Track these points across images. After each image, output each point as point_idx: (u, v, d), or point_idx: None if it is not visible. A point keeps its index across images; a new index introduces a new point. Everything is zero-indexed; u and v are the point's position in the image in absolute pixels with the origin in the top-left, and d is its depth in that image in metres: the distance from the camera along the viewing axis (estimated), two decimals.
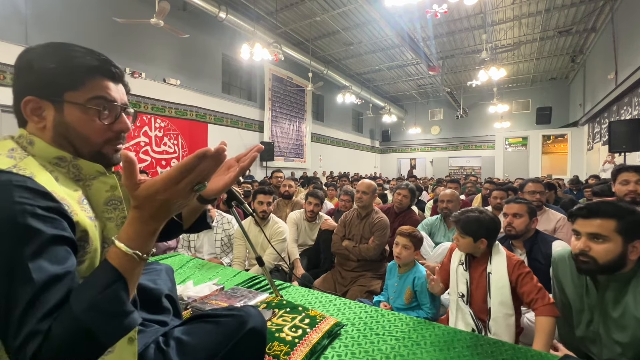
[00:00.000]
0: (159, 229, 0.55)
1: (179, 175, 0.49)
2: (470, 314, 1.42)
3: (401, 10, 7.16)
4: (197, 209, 0.92)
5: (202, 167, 0.49)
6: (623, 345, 1.04)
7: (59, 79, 0.61)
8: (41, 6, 5.29)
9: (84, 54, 0.64)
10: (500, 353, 1.09)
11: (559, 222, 2.28)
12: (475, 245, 1.42)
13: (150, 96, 6.90)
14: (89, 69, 0.63)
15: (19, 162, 0.56)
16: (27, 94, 0.61)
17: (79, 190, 0.63)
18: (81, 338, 0.45)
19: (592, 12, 7.93)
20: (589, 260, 1.06)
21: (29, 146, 0.61)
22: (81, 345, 0.45)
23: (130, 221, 0.52)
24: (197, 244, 2.56)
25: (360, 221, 2.43)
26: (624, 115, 6.97)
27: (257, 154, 0.73)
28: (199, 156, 0.48)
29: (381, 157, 18.42)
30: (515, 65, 11.70)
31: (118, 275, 0.49)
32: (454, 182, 4.90)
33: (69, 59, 0.62)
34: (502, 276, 1.36)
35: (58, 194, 0.55)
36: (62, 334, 0.45)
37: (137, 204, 0.51)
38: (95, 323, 0.46)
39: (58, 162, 0.63)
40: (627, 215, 1.03)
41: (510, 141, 13.77)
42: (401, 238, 1.80)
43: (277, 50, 7.44)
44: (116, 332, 0.48)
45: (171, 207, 0.52)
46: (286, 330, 1.12)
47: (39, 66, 0.61)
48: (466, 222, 1.42)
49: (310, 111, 12.22)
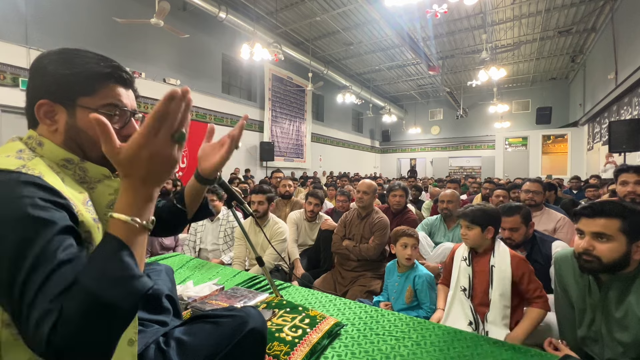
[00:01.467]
0: (154, 195, 0.54)
1: (155, 123, 0.48)
2: (470, 307, 1.46)
3: (401, 10, 7.16)
4: (198, 193, 0.94)
5: (173, 109, 0.49)
6: (625, 345, 1.04)
7: (74, 84, 0.63)
8: (41, 6, 5.29)
9: (98, 60, 0.66)
10: (500, 353, 1.09)
11: (559, 222, 2.28)
12: (483, 235, 1.51)
13: (150, 96, 6.90)
14: (103, 76, 0.65)
15: (28, 162, 0.57)
16: (41, 97, 0.63)
17: (84, 192, 0.64)
18: (94, 308, 0.44)
19: (592, 12, 7.93)
20: (593, 259, 1.06)
21: (38, 147, 0.63)
22: (96, 316, 0.44)
23: (123, 192, 0.51)
24: (203, 235, 2.70)
25: (361, 221, 2.43)
26: (624, 115, 6.97)
27: (245, 122, 0.82)
28: (167, 98, 0.48)
29: (381, 157, 18.42)
30: (515, 65, 11.70)
31: (121, 243, 0.49)
32: (454, 182, 4.90)
33: (83, 65, 0.64)
34: (505, 270, 1.43)
35: (65, 194, 0.56)
36: (75, 308, 0.43)
37: (125, 171, 0.50)
38: (104, 289, 0.45)
39: (65, 164, 0.64)
40: (631, 215, 1.03)
41: (510, 141, 13.77)
42: (408, 239, 1.82)
43: (277, 50, 7.44)
44: (129, 296, 0.47)
45: (158, 165, 0.51)
46: (286, 330, 1.12)
47: (55, 71, 0.63)
48: (473, 213, 1.52)
49: (310, 111, 12.22)
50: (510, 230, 1.73)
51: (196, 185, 0.92)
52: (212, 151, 0.89)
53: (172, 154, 0.52)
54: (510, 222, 1.73)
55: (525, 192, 2.44)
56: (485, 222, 1.50)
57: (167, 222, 0.95)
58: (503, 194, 2.95)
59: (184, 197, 0.95)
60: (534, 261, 1.72)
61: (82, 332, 0.43)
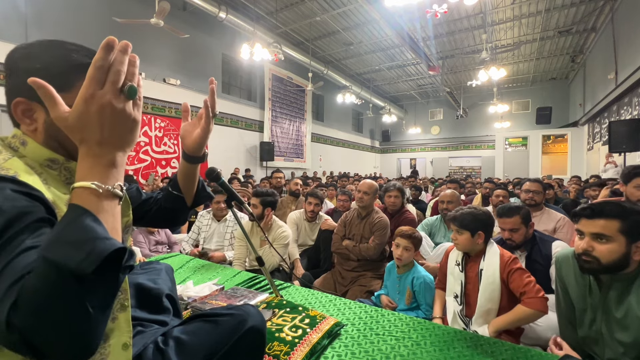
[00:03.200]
0: (117, 161, 0.49)
1: (96, 72, 0.45)
2: (459, 314, 1.45)
3: (401, 10, 7.16)
4: (190, 174, 0.92)
5: (117, 61, 0.46)
6: (625, 345, 1.03)
7: (47, 80, 0.53)
8: (41, 6, 5.29)
9: (72, 51, 0.61)
10: (500, 353, 1.08)
11: (558, 222, 2.28)
12: (474, 240, 1.46)
13: (150, 96, 6.91)
14: (78, 68, 0.59)
15: (3, 164, 0.55)
16: (16, 95, 0.59)
17: (69, 193, 0.63)
18: (53, 278, 0.38)
19: (592, 12, 7.93)
20: (592, 260, 1.06)
21: (22, 147, 0.60)
22: (58, 286, 0.38)
23: (81, 160, 0.48)
24: (207, 235, 2.66)
25: (361, 221, 2.43)
26: (624, 115, 6.97)
27: (214, 85, 0.83)
28: (104, 47, 0.45)
29: (381, 157, 18.41)
30: (515, 65, 11.70)
31: (81, 209, 0.44)
32: (454, 182, 4.90)
33: (57, 58, 0.60)
34: (493, 273, 1.39)
35: (42, 190, 0.54)
36: (33, 282, 0.38)
37: (78, 135, 0.47)
38: (60, 255, 0.39)
39: (50, 164, 0.62)
40: (631, 215, 1.03)
41: (510, 141, 13.77)
42: (402, 240, 1.79)
43: (277, 50, 7.43)
44: (90, 257, 0.39)
45: (113, 122, 0.47)
46: (286, 330, 1.11)
47: (25, 67, 0.58)
48: (461, 217, 1.49)
49: (310, 111, 12.22)
50: (511, 230, 1.72)
51: (185, 165, 0.90)
52: (193, 127, 0.88)
53: (126, 109, 0.48)
54: (510, 222, 1.71)
55: (525, 191, 2.44)
56: (475, 227, 1.45)
57: (167, 211, 0.93)
58: (503, 194, 2.95)
59: (177, 183, 0.93)
60: (534, 261, 1.71)
61: (43, 307, 0.37)
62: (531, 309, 1.28)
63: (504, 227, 1.73)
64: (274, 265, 2.29)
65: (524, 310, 1.29)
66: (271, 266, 2.26)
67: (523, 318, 1.31)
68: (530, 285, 1.32)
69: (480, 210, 1.54)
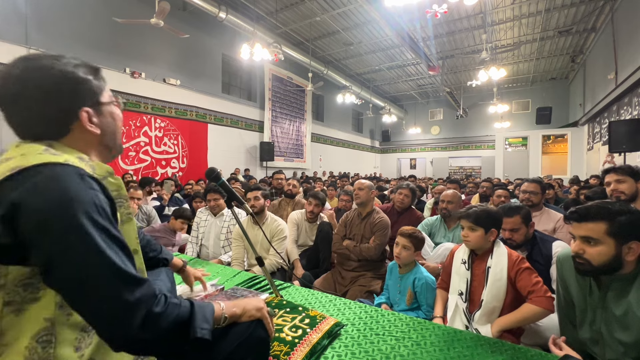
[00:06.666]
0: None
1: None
2: (464, 311, 1.45)
3: (401, 10, 7.16)
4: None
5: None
6: (626, 345, 1.03)
7: (93, 86, 0.69)
8: (41, 6, 5.28)
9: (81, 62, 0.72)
10: (500, 353, 1.08)
11: (558, 222, 2.28)
12: (486, 237, 1.48)
13: (150, 96, 6.90)
14: (96, 72, 0.72)
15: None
16: (80, 105, 0.67)
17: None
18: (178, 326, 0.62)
19: (592, 12, 7.93)
20: (584, 262, 1.07)
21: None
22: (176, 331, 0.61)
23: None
24: (206, 230, 2.74)
25: (361, 221, 2.42)
26: (624, 115, 6.96)
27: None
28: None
29: (381, 157, 18.42)
30: (515, 65, 11.70)
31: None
32: (454, 183, 4.90)
33: (85, 69, 0.70)
34: (500, 271, 1.41)
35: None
36: (168, 318, 0.60)
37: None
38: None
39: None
40: (617, 217, 1.02)
41: (510, 141, 13.76)
42: (401, 238, 1.79)
43: (277, 50, 7.43)
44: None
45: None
46: (286, 330, 1.11)
47: (85, 76, 0.68)
48: (476, 214, 1.48)
49: (310, 111, 12.22)
50: (511, 230, 1.72)
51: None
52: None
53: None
54: (510, 222, 1.72)
55: (522, 192, 2.44)
56: (489, 224, 1.47)
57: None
58: (504, 194, 2.94)
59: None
60: (535, 261, 1.71)
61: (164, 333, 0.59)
62: (539, 307, 1.29)
63: (505, 227, 1.73)
64: (274, 266, 2.30)
65: (532, 308, 1.31)
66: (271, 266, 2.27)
67: (530, 317, 1.32)
68: (538, 284, 1.34)
69: (492, 207, 1.57)
